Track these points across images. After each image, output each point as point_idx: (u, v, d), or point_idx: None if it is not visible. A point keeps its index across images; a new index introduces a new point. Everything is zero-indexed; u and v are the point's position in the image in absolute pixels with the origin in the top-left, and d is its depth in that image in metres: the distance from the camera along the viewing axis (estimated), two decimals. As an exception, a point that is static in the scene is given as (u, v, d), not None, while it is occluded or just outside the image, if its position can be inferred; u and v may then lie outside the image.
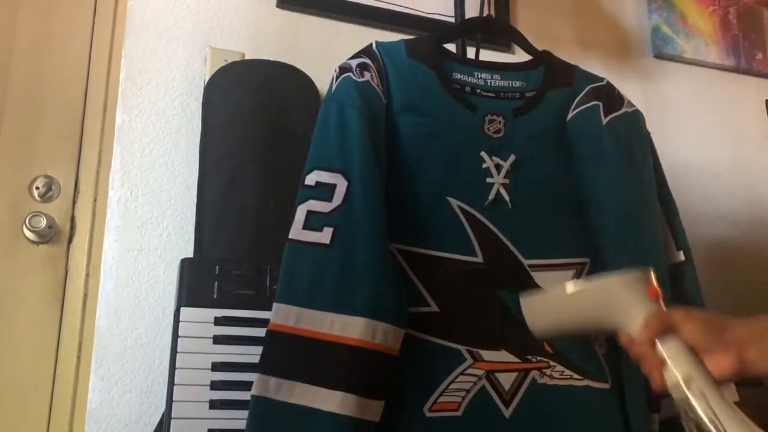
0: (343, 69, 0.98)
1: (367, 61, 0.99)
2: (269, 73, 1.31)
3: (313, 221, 0.87)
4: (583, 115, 1.04)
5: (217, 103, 1.26)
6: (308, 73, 1.35)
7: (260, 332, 1.07)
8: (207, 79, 1.30)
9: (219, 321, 1.07)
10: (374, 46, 1.03)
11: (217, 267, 1.10)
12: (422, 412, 0.87)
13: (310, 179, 0.90)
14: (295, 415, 0.80)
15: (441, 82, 1.00)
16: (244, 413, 0.97)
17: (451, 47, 1.15)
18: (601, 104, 1.04)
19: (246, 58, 1.36)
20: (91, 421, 1.13)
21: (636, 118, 1.07)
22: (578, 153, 1.03)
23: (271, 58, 1.34)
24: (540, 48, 1.12)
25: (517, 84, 1.05)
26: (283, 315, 0.84)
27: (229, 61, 1.32)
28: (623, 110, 1.05)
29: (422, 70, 1.01)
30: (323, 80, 1.39)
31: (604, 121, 1.03)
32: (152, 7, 1.36)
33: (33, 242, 1.23)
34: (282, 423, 0.80)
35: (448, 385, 0.88)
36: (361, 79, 0.96)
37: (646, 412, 0.93)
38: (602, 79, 1.09)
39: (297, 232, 0.88)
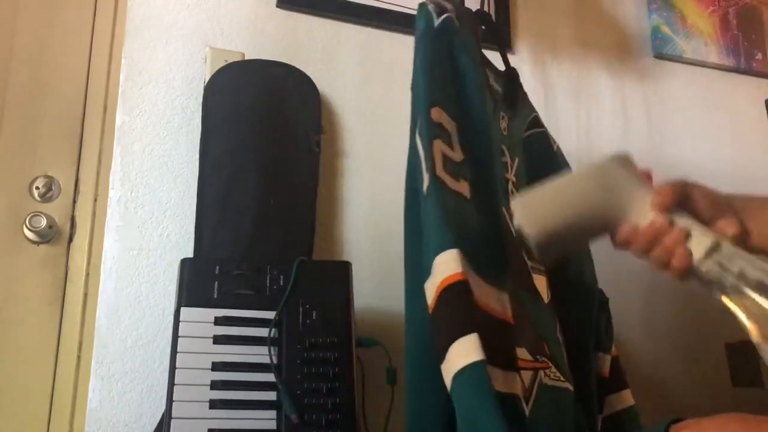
0: (441, 7, 0.88)
1: (449, 5, 0.91)
2: (269, 73, 1.31)
3: (450, 167, 0.78)
4: (537, 138, 1.13)
5: (217, 103, 1.26)
6: (308, 73, 1.35)
7: (260, 332, 1.07)
8: (207, 79, 1.30)
9: (219, 321, 1.07)
10: None
11: (217, 267, 1.10)
12: None
13: (435, 115, 0.79)
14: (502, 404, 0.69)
15: (476, 62, 0.93)
16: (245, 413, 0.97)
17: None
18: (546, 130, 1.15)
19: (246, 58, 1.36)
20: (91, 421, 1.13)
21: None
22: (536, 170, 1.08)
23: (271, 58, 1.35)
24: (540, 48, 1.14)
25: (500, 89, 1.08)
26: (455, 263, 0.71)
27: (229, 61, 1.32)
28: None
29: (468, 43, 0.92)
30: (323, 80, 1.40)
31: (554, 147, 1.14)
32: (152, 7, 1.36)
33: (33, 242, 1.23)
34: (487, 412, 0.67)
35: None
36: (459, 26, 0.89)
37: (595, 415, 0.98)
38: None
39: (443, 173, 0.77)
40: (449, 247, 0.70)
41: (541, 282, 0.97)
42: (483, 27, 1.11)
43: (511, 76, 1.11)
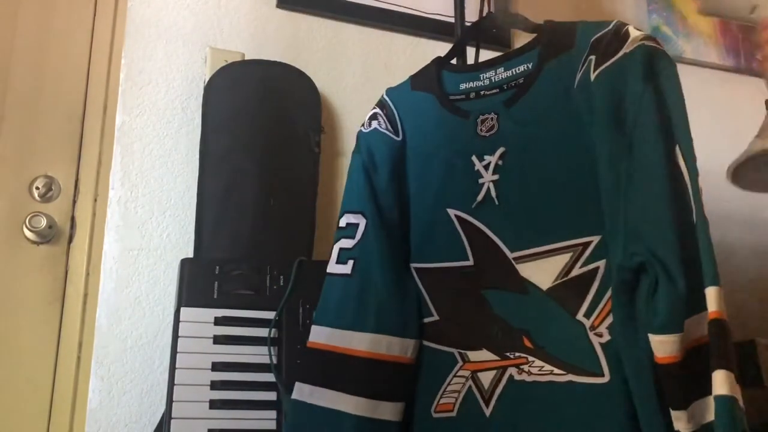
0: (362, 125, 1.11)
1: (377, 110, 1.11)
2: (269, 73, 1.31)
3: (342, 256, 1.02)
4: (582, 77, 0.92)
5: (217, 103, 1.26)
6: (308, 73, 1.35)
7: (260, 332, 1.07)
8: (207, 79, 1.30)
9: (219, 321, 1.07)
10: (384, 94, 1.13)
11: (217, 267, 1.10)
12: (430, 413, 0.96)
13: (343, 222, 1.04)
14: (323, 415, 0.94)
15: (439, 101, 1.05)
16: (245, 413, 0.98)
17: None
18: (594, 58, 0.90)
19: (246, 58, 1.36)
20: (91, 421, 1.13)
21: (632, 60, 0.86)
22: (582, 120, 0.91)
23: (271, 58, 1.35)
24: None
25: (521, 69, 1.00)
26: (317, 334, 0.99)
27: (229, 61, 1.32)
28: (620, 54, 0.88)
29: (423, 98, 1.07)
30: (323, 80, 1.40)
31: (593, 76, 0.88)
32: (152, 7, 1.36)
33: (33, 242, 1.23)
34: (313, 422, 0.94)
35: (446, 388, 0.96)
36: (368, 129, 1.09)
37: (657, 408, 0.79)
38: (608, 24, 0.94)
39: (331, 266, 1.02)
40: (316, 323, 1.01)
41: (539, 267, 0.90)
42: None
43: (539, 38, 1.02)
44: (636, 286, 0.81)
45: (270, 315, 1.08)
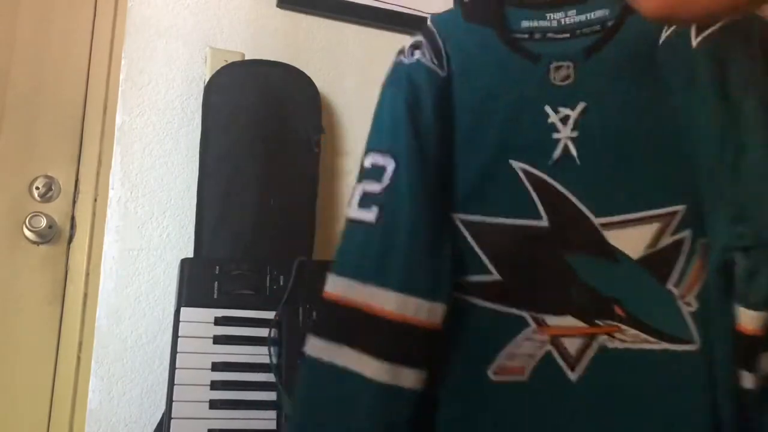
0: (399, 52, 0.99)
1: (420, 38, 0.99)
2: (269, 73, 1.31)
3: (365, 201, 0.91)
4: (673, 38, 0.90)
5: (217, 103, 1.26)
6: (308, 73, 1.35)
7: (260, 332, 1.07)
8: (207, 79, 1.30)
9: (219, 321, 1.07)
10: (429, 20, 1.01)
11: (217, 267, 1.10)
12: (487, 375, 0.88)
13: (367, 161, 0.93)
14: (337, 374, 0.85)
15: (500, 38, 0.95)
16: (245, 413, 0.97)
17: None
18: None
19: (246, 58, 1.36)
20: (91, 421, 1.13)
21: (739, 31, 0.87)
22: (670, 82, 0.89)
23: (271, 58, 1.35)
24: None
25: (598, 15, 0.95)
26: (334, 284, 0.89)
27: (229, 61, 1.32)
28: (718, 24, 0.88)
29: (479, 32, 0.97)
30: (323, 80, 1.40)
31: (695, 42, 0.88)
32: (152, 7, 1.36)
33: (33, 242, 1.23)
34: (324, 378, 0.86)
35: (512, 350, 0.89)
36: (411, 60, 0.96)
37: (733, 371, 0.83)
38: None
39: (353, 210, 0.92)
40: (333, 272, 0.89)
41: (628, 235, 0.88)
42: None
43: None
44: (733, 263, 0.82)
45: (270, 315, 1.08)
